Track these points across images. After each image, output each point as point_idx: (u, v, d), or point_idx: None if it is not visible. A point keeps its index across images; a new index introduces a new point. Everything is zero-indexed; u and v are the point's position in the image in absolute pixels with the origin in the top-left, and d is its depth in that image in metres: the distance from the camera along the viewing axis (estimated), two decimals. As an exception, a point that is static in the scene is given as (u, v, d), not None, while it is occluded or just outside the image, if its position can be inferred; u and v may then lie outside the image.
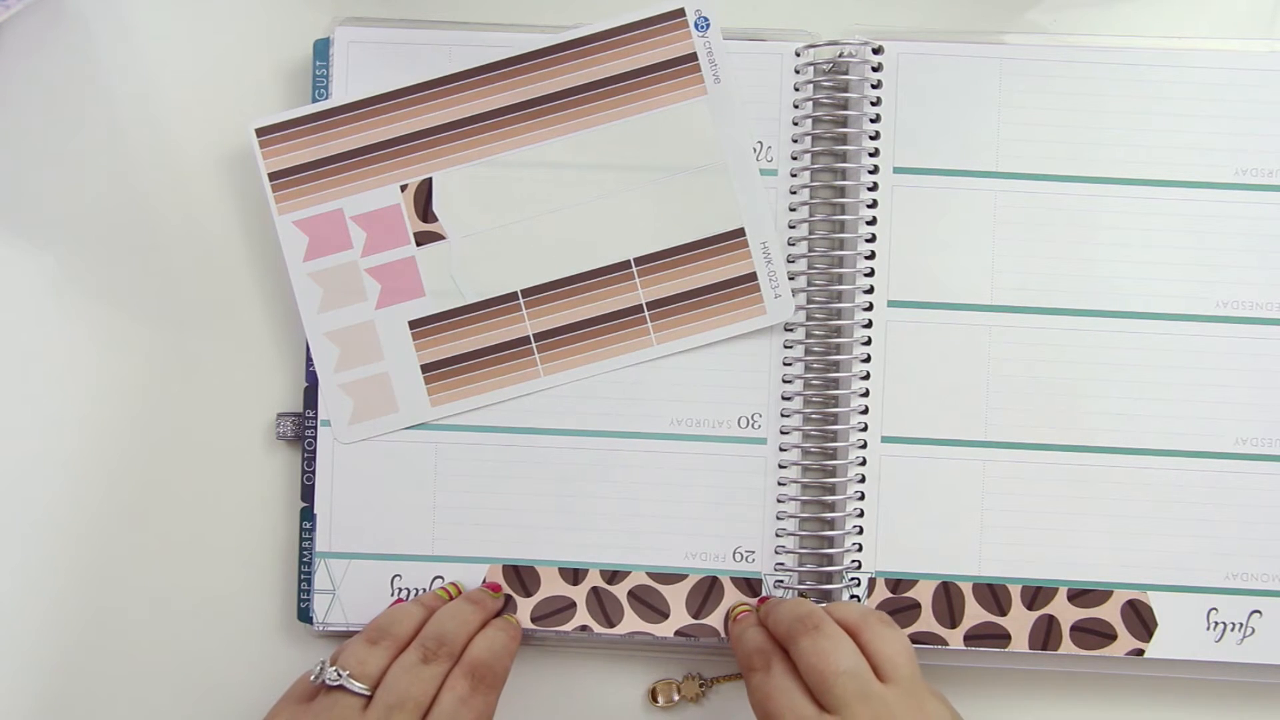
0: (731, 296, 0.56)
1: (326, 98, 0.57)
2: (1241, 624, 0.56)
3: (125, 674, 0.58)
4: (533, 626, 0.56)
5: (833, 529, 0.56)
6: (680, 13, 0.56)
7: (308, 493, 0.57)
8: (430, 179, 0.56)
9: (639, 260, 0.56)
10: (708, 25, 0.56)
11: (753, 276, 0.56)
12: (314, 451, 0.57)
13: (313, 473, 0.57)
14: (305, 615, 0.57)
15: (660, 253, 0.56)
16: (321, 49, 0.57)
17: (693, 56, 0.56)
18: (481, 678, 0.51)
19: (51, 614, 0.58)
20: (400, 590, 0.57)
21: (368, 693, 0.50)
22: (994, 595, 0.56)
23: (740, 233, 0.56)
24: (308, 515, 0.57)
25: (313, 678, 0.51)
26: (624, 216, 0.57)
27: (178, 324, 0.58)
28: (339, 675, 0.50)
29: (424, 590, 0.57)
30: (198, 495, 0.58)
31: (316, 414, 0.57)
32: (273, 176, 0.56)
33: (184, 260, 0.58)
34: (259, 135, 0.56)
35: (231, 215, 0.58)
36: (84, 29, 0.59)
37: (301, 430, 0.57)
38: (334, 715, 0.50)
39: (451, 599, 0.56)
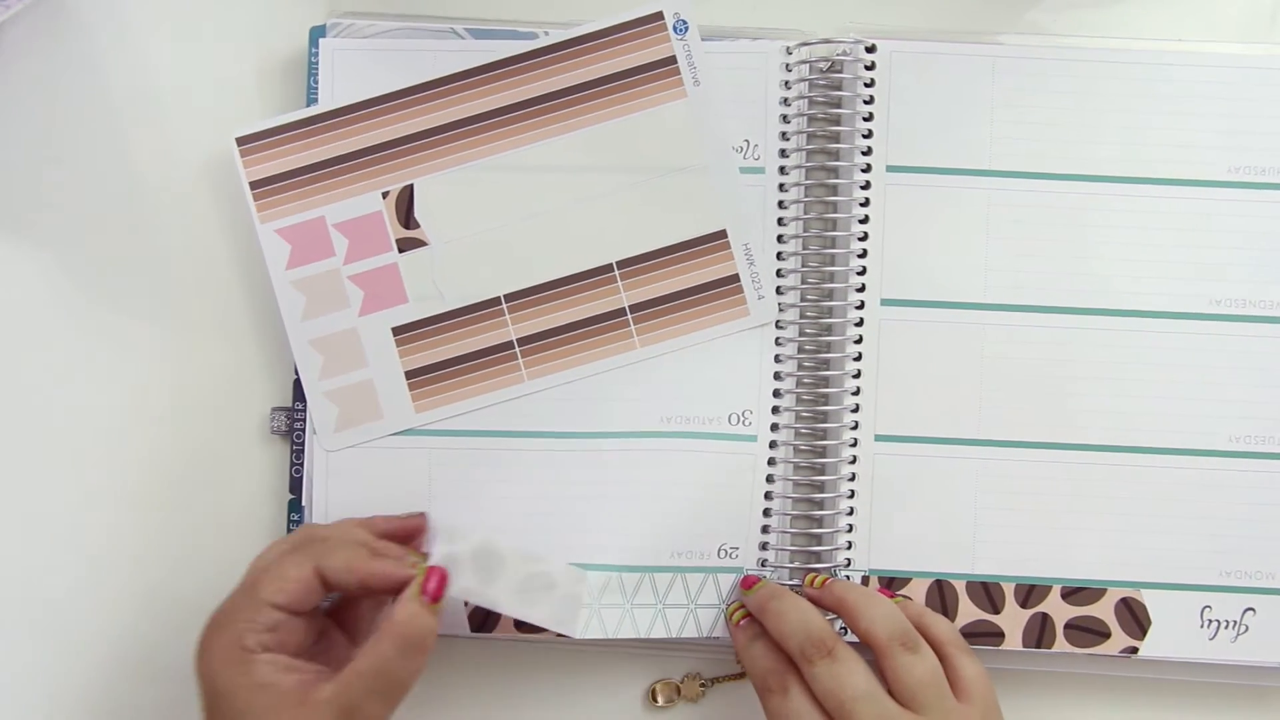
0: (715, 298, 0.56)
1: (318, 91, 0.57)
2: (1235, 622, 0.56)
3: (120, 664, 0.58)
4: (520, 634, 0.56)
5: (822, 526, 0.56)
6: (659, 16, 0.56)
7: (295, 485, 0.57)
8: (411, 185, 0.56)
9: (621, 263, 0.56)
10: (686, 28, 0.56)
11: (735, 278, 0.56)
12: (302, 445, 0.57)
13: (301, 465, 0.57)
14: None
15: (642, 255, 0.56)
16: (316, 37, 0.57)
17: (672, 59, 0.56)
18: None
19: (53, 605, 0.58)
20: None
21: None
22: (987, 593, 0.56)
23: (722, 234, 0.56)
24: (295, 507, 0.57)
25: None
26: (605, 220, 0.56)
27: (177, 320, 0.58)
28: None
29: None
30: (195, 488, 0.58)
31: (305, 408, 0.57)
32: (254, 185, 0.56)
33: (187, 257, 0.58)
34: (240, 144, 0.56)
35: (227, 213, 0.58)
36: (84, 29, 0.59)
37: (292, 424, 0.58)
38: None
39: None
